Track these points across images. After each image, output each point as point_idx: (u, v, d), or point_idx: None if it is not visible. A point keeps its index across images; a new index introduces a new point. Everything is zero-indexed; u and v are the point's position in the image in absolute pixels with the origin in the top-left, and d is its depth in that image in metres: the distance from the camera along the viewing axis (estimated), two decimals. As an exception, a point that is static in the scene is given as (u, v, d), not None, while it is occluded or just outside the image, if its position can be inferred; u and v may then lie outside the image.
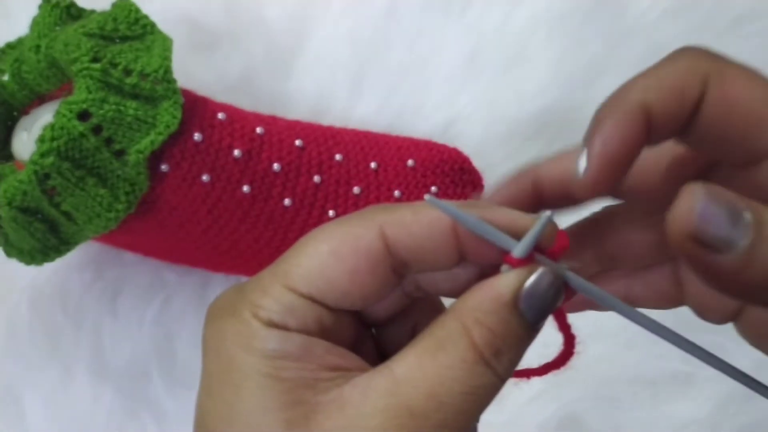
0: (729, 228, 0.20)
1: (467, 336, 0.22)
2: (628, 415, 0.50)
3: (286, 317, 0.23)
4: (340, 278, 0.23)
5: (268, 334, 0.23)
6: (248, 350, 0.23)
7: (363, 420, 0.21)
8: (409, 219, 0.23)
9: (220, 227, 0.45)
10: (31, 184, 0.38)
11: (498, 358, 0.22)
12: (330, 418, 0.22)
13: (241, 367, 0.22)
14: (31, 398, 0.50)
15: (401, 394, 0.22)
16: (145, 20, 0.42)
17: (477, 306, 0.23)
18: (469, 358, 0.22)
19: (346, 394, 0.22)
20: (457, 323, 0.23)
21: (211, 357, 0.24)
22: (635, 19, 0.55)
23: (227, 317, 0.24)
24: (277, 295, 0.23)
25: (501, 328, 0.22)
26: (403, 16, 0.55)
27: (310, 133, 0.48)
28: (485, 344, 0.22)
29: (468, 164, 0.51)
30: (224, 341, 0.23)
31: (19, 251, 0.42)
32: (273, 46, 0.55)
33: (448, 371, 0.22)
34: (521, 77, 0.54)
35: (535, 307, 0.23)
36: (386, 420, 0.21)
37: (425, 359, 0.22)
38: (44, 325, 0.51)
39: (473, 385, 0.22)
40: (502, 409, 0.50)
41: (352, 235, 0.23)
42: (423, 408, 0.21)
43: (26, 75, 0.44)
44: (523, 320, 0.23)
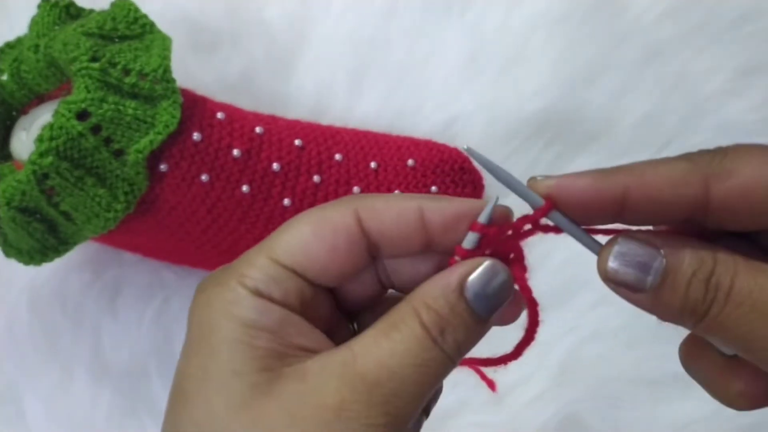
0: (638, 275, 0.25)
1: (417, 316, 0.25)
2: (628, 415, 0.50)
3: (271, 286, 0.25)
4: (320, 254, 0.26)
5: (250, 303, 0.25)
6: (228, 317, 0.25)
7: (320, 386, 0.24)
8: (381, 206, 0.27)
9: (219, 227, 0.45)
10: (29, 183, 0.38)
11: (443, 337, 0.25)
12: (291, 384, 0.24)
13: (220, 331, 0.25)
14: (31, 398, 0.50)
15: (356, 364, 0.24)
16: (144, 20, 0.42)
17: (427, 292, 0.26)
18: (418, 334, 0.25)
19: (308, 365, 0.25)
20: (408, 306, 0.26)
21: (194, 324, 0.26)
22: (635, 19, 0.55)
23: (214, 287, 0.26)
24: (262, 265, 0.26)
25: (446, 310, 0.25)
26: (403, 16, 0.55)
27: (309, 133, 0.48)
28: (432, 323, 0.25)
29: (468, 164, 0.51)
30: (208, 309, 0.26)
31: (18, 251, 0.42)
32: (273, 46, 0.55)
33: (399, 345, 0.25)
34: (521, 77, 0.54)
35: (480, 297, 0.26)
36: (341, 385, 0.24)
37: (380, 337, 0.25)
38: (43, 325, 0.51)
39: (422, 358, 0.25)
40: (502, 410, 0.50)
41: (331, 217, 0.26)
42: (375, 376, 0.24)
43: (25, 74, 0.44)
44: (469, 307, 0.26)
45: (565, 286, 0.50)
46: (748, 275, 0.24)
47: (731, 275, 0.24)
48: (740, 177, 0.25)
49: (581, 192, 0.25)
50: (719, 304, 0.24)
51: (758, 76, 0.54)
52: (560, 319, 0.52)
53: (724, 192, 0.25)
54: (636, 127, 0.54)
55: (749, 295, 0.24)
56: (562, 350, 0.51)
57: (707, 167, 0.25)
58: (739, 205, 0.25)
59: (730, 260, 0.25)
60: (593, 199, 0.25)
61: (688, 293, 0.24)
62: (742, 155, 0.25)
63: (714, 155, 0.26)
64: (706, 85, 0.54)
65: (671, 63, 0.55)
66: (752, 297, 0.24)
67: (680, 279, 0.24)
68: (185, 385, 0.25)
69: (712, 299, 0.24)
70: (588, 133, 0.54)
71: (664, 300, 0.25)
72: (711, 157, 0.26)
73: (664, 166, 0.25)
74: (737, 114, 0.54)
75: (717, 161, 0.25)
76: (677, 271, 0.24)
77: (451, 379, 0.29)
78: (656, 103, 0.54)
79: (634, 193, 0.25)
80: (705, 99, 0.54)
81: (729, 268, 0.24)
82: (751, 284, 0.24)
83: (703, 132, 0.54)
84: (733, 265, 0.24)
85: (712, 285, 0.24)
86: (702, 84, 0.54)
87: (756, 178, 0.25)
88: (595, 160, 0.54)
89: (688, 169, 0.25)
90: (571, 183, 0.26)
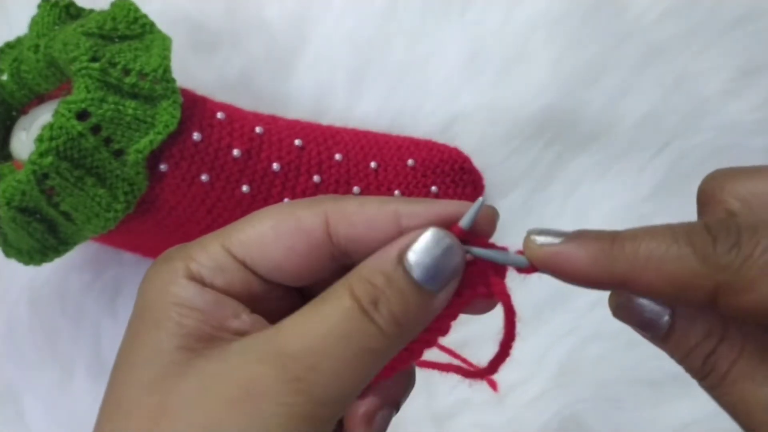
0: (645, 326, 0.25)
1: (349, 289, 0.23)
2: (628, 415, 0.50)
3: (215, 273, 0.25)
4: (274, 252, 0.25)
5: (185, 283, 0.24)
6: (163, 293, 0.24)
7: (239, 363, 0.22)
8: (353, 210, 0.25)
9: (219, 227, 0.45)
10: (29, 183, 0.38)
11: (376, 307, 0.23)
12: (211, 363, 0.23)
13: (153, 306, 0.24)
14: (31, 398, 0.50)
15: (278, 340, 0.23)
16: (144, 19, 0.42)
17: (364, 265, 0.24)
18: (347, 305, 0.23)
19: (232, 345, 0.23)
20: (343, 281, 0.24)
21: (138, 298, 0.26)
22: (635, 19, 0.55)
23: (162, 264, 0.26)
24: (213, 252, 0.25)
25: (381, 280, 0.23)
26: (403, 16, 0.55)
27: (309, 133, 0.48)
28: (363, 293, 0.23)
29: (468, 164, 0.51)
30: (149, 284, 0.25)
31: (17, 251, 0.42)
32: (273, 46, 0.55)
33: (325, 318, 0.23)
34: (521, 77, 0.54)
35: (422, 264, 0.23)
36: (260, 363, 0.22)
37: (309, 312, 0.23)
38: (43, 325, 0.51)
39: (347, 329, 0.22)
40: (503, 410, 0.50)
41: (296, 216, 0.25)
42: (296, 350, 0.22)
43: (25, 74, 0.44)
44: (408, 276, 0.23)
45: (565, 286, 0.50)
46: (750, 363, 0.23)
47: (733, 358, 0.24)
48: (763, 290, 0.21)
49: (575, 272, 0.23)
50: (712, 383, 0.24)
51: (758, 76, 0.54)
52: (560, 319, 0.52)
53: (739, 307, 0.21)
54: (636, 127, 0.54)
55: (743, 387, 0.23)
56: (563, 351, 0.51)
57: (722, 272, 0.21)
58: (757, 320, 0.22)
59: (738, 340, 0.24)
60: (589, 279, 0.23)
61: (687, 360, 0.24)
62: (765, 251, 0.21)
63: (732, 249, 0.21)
64: (706, 85, 0.54)
65: (671, 63, 0.55)
66: (745, 390, 0.23)
67: (683, 344, 0.24)
68: (117, 361, 0.25)
69: (707, 374, 0.24)
70: (588, 133, 0.54)
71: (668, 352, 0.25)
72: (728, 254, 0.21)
73: (670, 262, 0.22)
74: (737, 114, 0.54)
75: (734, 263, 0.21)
76: (684, 335, 0.24)
77: (451, 379, 0.29)
78: (656, 103, 0.54)
79: (635, 288, 0.23)
80: (705, 99, 0.54)
81: (734, 350, 0.24)
82: (750, 375, 0.23)
83: (703, 132, 0.54)
84: (739, 348, 0.24)
85: (710, 363, 0.24)
86: (702, 84, 0.54)
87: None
88: (595, 160, 0.54)
89: (697, 274, 0.21)
90: (566, 259, 0.23)
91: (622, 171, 0.54)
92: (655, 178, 0.54)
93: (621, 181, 0.54)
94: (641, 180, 0.54)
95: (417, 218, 0.25)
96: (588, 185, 0.54)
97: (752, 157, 0.54)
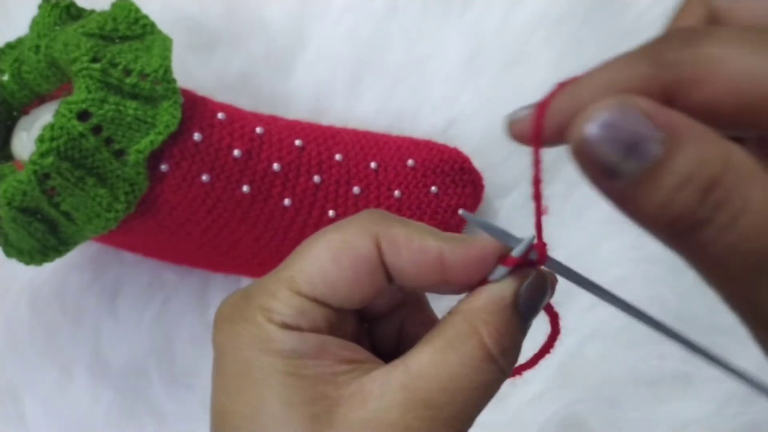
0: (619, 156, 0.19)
1: (476, 335, 0.24)
2: (628, 415, 0.50)
3: (299, 319, 0.25)
4: (341, 284, 0.25)
5: (284, 336, 0.24)
6: (266, 352, 0.24)
7: (383, 412, 0.23)
8: (402, 240, 0.25)
9: (219, 227, 0.45)
10: (30, 184, 0.38)
11: (504, 355, 0.25)
12: (353, 410, 0.24)
13: (262, 367, 0.24)
14: (31, 398, 0.50)
15: (417, 388, 0.24)
16: (144, 20, 0.42)
17: (483, 308, 0.25)
18: (478, 356, 0.24)
19: (366, 388, 0.24)
20: (466, 325, 0.25)
21: (227, 359, 0.25)
22: (635, 19, 0.55)
23: (240, 321, 0.25)
24: (285, 299, 0.25)
25: (505, 327, 0.25)
26: (403, 16, 0.55)
27: (309, 133, 0.48)
28: (494, 343, 0.24)
29: (468, 164, 0.51)
30: (240, 344, 0.25)
31: (18, 251, 0.42)
32: (273, 46, 0.55)
33: (458, 368, 0.24)
34: (521, 77, 0.54)
35: (529, 305, 0.26)
36: (405, 412, 0.23)
37: (437, 356, 0.24)
38: (43, 325, 0.51)
39: (481, 380, 0.24)
40: (503, 410, 0.50)
41: (352, 244, 0.25)
42: (436, 401, 0.23)
43: (26, 75, 0.44)
44: (522, 319, 0.25)
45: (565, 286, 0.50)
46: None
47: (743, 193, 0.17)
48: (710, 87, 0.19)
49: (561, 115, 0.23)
50: (716, 228, 0.18)
51: (758, 76, 0.54)
52: (561, 319, 0.52)
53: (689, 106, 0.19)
54: (636, 127, 0.54)
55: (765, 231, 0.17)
56: (563, 350, 0.51)
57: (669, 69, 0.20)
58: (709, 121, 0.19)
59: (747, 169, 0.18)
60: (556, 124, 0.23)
61: (675, 199, 0.18)
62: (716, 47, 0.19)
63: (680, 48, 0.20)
64: (705, 85, 0.54)
65: (671, 63, 0.55)
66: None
67: (670, 180, 0.18)
68: (234, 423, 0.24)
69: (706, 218, 0.18)
70: (588, 133, 0.54)
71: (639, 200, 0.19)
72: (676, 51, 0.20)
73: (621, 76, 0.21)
74: (737, 114, 0.54)
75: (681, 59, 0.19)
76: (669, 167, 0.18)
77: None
78: (656, 103, 0.54)
79: None
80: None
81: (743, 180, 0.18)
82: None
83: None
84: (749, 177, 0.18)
85: (712, 199, 0.18)
86: (702, 84, 0.54)
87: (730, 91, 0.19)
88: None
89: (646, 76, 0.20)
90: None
91: (621, 171, 0.54)
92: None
93: (621, 181, 0.54)
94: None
95: (461, 259, 0.26)
96: (588, 185, 0.54)
97: (752, 157, 0.54)
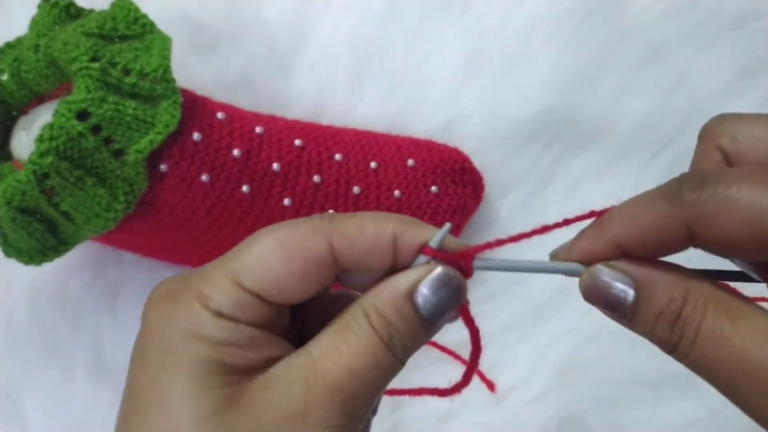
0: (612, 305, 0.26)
1: (366, 318, 0.26)
2: (628, 415, 0.50)
3: (236, 311, 0.25)
4: (288, 283, 0.26)
5: (216, 324, 0.25)
6: (194, 336, 0.25)
7: (284, 392, 0.25)
8: (355, 232, 0.26)
9: (219, 227, 0.45)
10: (29, 183, 0.38)
11: (392, 342, 0.26)
12: (259, 392, 0.25)
13: (187, 349, 0.25)
14: (31, 398, 0.50)
15: (318, 367, 0.25)
16: (144, 20, 0.42)
17: (376, 294, 0.26)
18: (372, 338, 0.26)
19: (272, 372, 0.25)
20: (360, 309, 0.26)
21: (153, 336, 0.26)
22: (635, 19, 0.55)
23: (173, 303, 0.26)
24: (225, 289, 0.25)
25: (395, 316, 0.26)
26: (403, 16, 0.55)
27: (309, 133, 0.48)
28: (382, 327, 0.26)
29: (468, 164, 0.51)
30: (169, 326, 0.25)
31: (18, 251, 0.42)
32: (273, 46, 0.55)
33: (353, 347, 0.25)
34: (521, 77, 0.54)
35: (429, 301, 0.26)
36: (306, 390, 0.25)
37: (336, 338, 0.26)
38: (43, 325, 0.51)
39: (373, 362, 0.25)
40: (503, 410, 0.50)
41: (303, 245, 0.26)
42: (336, 380, 0.25)
43: (25, 74, 0.44)
44: (417, 312, 0.26)
45: (565, 286, 0.50)
46: (717, 320, 0.24)
47: (698, 321, 0.24)
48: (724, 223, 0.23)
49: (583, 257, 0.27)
50: (684, 349, 0.24)
51: (758, 76, 0.54)
52: (561, 319, 0.52)
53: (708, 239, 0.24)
54: (636, 127, 0.54)
55: (713, 347, 0.23)
56: (563, 351, 0.51)
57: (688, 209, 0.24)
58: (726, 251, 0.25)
59: (701, 301, 0.24)
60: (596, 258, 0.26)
61: (655, 330, 0.25)
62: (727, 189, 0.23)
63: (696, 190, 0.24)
64: (706, 85, 0.54)
65: (671, 63, 0.55)
66: (716, 349, 0.23)
67: (649, 316, 0.25)
68: (145, 396, 0.25)
69: (677, 342, 0.24)
70: (588, 133, 0.54)
71: (636, 329, 0.26)
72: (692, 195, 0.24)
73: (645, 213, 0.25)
74: (737, 114, 0.54)
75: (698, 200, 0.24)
76: (646, 307, 0.25)
77: (452, 378, 0.29)
78: (656, 103, 0.54)
79: (628, 247, 0.26)
80: (705, 99, 0.54)
81: (697, 313, 0.24)
82: (717, 333, 0.23)
83: (704, 132, 0.54)
84: (702, 308, 0.24)
85: (678, 328, 0.24)
86: (702, 84, 0.54)
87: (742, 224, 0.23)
88: (595, 160, 0.54)
89: (667, 215, 0.24)
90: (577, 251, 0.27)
91: (622, 171, 0.54)
92: (655, 178, 0.54)
93: (621, 181, 0.54)
94: (641, 180, 0.54)
95: (413, 241, 0.27)
96: (588, 185, 0.54)
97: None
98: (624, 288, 0.25)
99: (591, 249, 0.26)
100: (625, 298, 0.25)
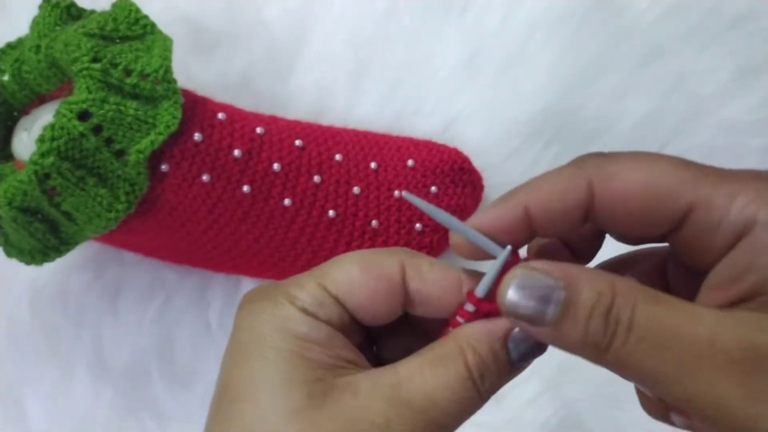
0: (537, 308, 0.25)
1: (462, 356, 0.27)
2: (628, 415, 0.50)
3: (317, 309, 0.27)
4: (360, 293, 0.28)
5: (301, 319, 0.27)
6: (281, 330, 0.27)
7: (369, 404, 0.26)
8: (426, 268, 0.29)
9: (220, 227, 0.45)
10: (31, 184, 0.38)
11: (482, 380, 0.27)
12: (344, 397, 0.26)
13: (274, 342, 0.27)
14: (31, 398, 0.50)
15: (404, 389, 0.26)
16: (145, 20, 0.42)
17: (473, 335, 0.28)
18: (462, 374, 0.27)
19: (360, 380, 0.27)
20: (455, 345, 0.27)
21: (243, 331, 0.28)
22: (634, 19, 0.55)
23: (263, 301, 0.28)
24: (310, 289, 0.28)
25: (489, 356, 0.27)
26: (403, 16, 0.55)
27: (310, 133, 0.48)
28: (474, 366, 0.27)
29: (468, 164, 0.51)
30: (259, 319, 0.27)
31: (19, 251, 0.42)
32: (273, 46, 0.55)
33: (443, 380, 0.26)
34: (521, 78, 0.55)
35: (519, 349, 0.28)
36: (388, 407, 0.26)
37: (425, 367, 0.27)
38: (44, 325, 0.51)
39: (461, 395, 0.27)
40: (502, 409, 0.50)
41: (379, 263, 0.28)
42: (418, 404, 0.26)
43: (26, 75, 0.44)
44: (508, 356, 0.28)
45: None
46: (648, 306, 0.24)
47: (631, 308, 0.24)
48: (621, 181, 0.26)
49: (488, 223, 0.28)
50: (620, 339, 0.24)
51: (758, 76, 0.54)
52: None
53: (605, 195, 0.26)
54: (636, 127, 0.54)
55: (649, 329, 0.23)
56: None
57: (591, 171, 0.26)
58: (618, 210, 0.26)
59: (629, 291, 0.24)
60: (501, 226, 0.27)
61: (589, 328, 0.24)
62: (627, 160, 0.27)
63: (601, 159, 0.27)
64: (706, 85, 0.54)
65: (671, 63, 0.55)
66: (652, 330, 0.23)
67: (581, 313, 0.24)
68: (236, 388, 0.26)
69: (612, 334, 0.24)
70: (588, 133, 0.54)
71: (565, 334, 0.24)
72: (597, 161, 0.27)
73: (554, 175, 0.27)
74: (737, 114, 0.54)
75: (601, 165, 0.27)
76: (577, 304, 0.24)
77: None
78: (656, 103, 0.54)
79: (533, 209, 0.27)
80: (705, 99, 0.54)
81: (629, 300, 0.24)
82: (651, 316, 0.24)
83: (703, 132, 0.54)
84: (632, 297, 0.24)
85: (612, 319, 0.24)
86: (702, 84, 0.54)
87: (635, 183, 0.26)
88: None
89: (573, 174, 0.27)
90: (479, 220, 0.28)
91: (621, 171, 0.54)
92: (654, 178, 0.54)
93: (621, 181, 0.54)
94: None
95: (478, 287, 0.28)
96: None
97: (751, 156, 0.54)
98: (552, 284, 0.25)
99: (498, 213, 0.27)
100: (552, 297, 0.24)
